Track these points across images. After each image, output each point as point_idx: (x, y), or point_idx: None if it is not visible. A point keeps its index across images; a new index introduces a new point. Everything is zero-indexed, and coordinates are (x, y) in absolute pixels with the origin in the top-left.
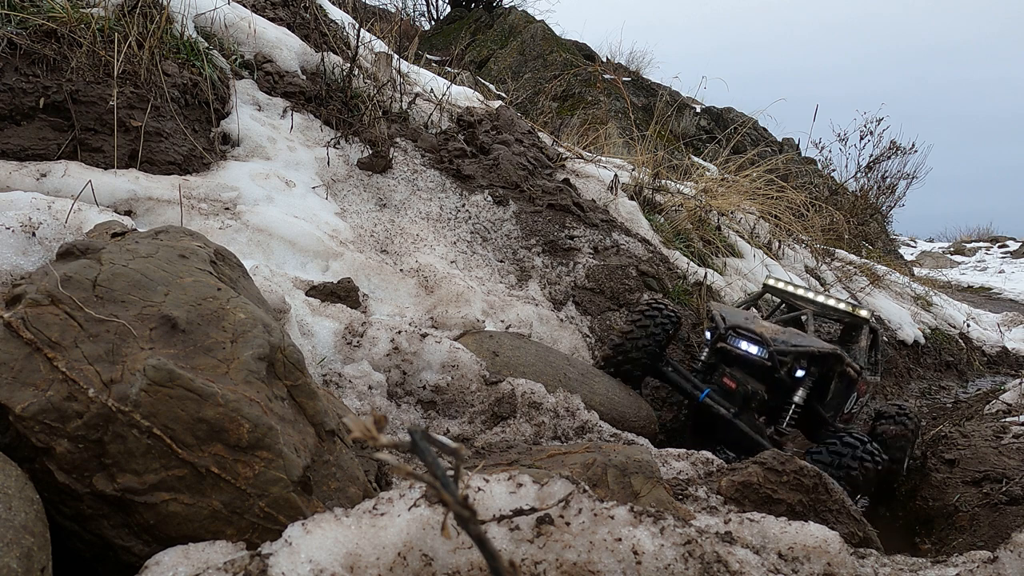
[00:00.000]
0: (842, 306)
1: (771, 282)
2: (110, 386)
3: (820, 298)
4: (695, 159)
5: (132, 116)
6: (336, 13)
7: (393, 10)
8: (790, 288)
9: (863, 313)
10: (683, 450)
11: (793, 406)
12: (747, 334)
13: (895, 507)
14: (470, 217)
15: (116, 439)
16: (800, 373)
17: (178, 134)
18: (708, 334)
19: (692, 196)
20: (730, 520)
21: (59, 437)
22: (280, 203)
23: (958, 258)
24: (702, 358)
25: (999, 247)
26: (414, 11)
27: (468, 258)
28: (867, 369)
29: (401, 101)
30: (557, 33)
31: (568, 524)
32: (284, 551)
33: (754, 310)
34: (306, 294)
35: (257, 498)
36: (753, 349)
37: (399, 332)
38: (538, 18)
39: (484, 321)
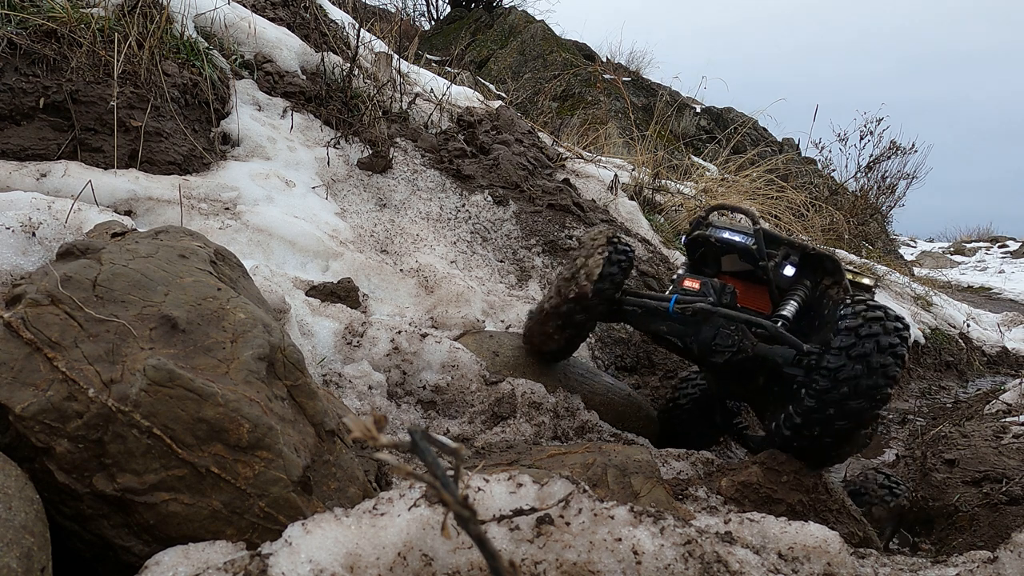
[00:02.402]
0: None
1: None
2: (110, 386)
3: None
4: (695, 159)
5: (132, 116)
6: (336, 13)
7: (393, 10)
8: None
9: (866, 281)
10: (683, 450)
11: (781, 322)
12: (730, 225)
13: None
14: (470, 217)
15: (116, 439)
16: (790, 271)
17: (178, 134)
18: (684, 240)
19: (692, 196)
20: (730, 520)
21: (59, 437)
22: (280, 203)
23: (958, 258)
24: (675, 275)
25: (999, 247)
26: (414, 11)
27: (468, 258)
28: None
29: (401, 101)
30: (557, 33)
31: (568, 524)
32: (284, 551)
33: None
34: (306, 294)
35: (257, 498)
36: (737, 237)
37: (399, 332)
38: (538, 18)
39: (484, 321)
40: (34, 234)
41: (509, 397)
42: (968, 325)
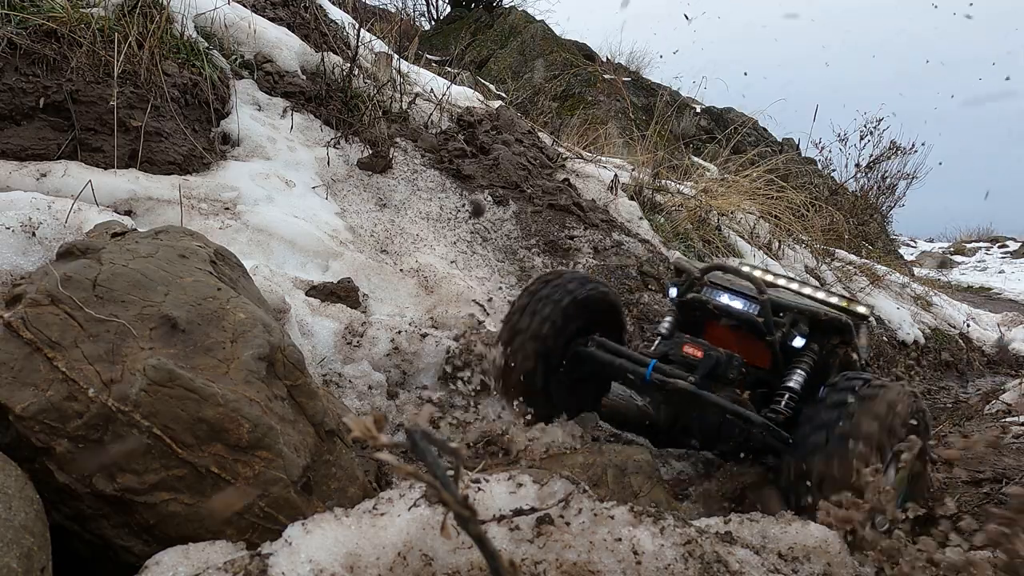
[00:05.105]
0: (834, 300)
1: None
2: (110, 386)
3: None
4: (695, 159)
5: (132, 116)
6: (336, 13)
7: (393, 10)
8: (757, 275)
9: (861, 309)
10: (683, 450)
11: (787, 394)
12: (729, 284)
13: None
14: (470, 217)
15: (116, 439)
16: (799, 342)
17: (178, 134)
18: (673, 291)
19: (692, 196)
20: (730, 520)
21: (59, 437)
22: (280, 203)
23: (958, 258)
24: (660, 329)
25: (999, 247)
26: (414, 11)
27: (468, 258)
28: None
29: (401, 101)
30: (557, 33)
31: (568, 524)
32: (284, 551)
33: None
34: (306, 294)
35: (257, 498)
36: (737, 303)
37: (399, 332)
38: (538, 18)
39: (484, 321)
40: (34, 234)
41: None
42: (968, 325)
